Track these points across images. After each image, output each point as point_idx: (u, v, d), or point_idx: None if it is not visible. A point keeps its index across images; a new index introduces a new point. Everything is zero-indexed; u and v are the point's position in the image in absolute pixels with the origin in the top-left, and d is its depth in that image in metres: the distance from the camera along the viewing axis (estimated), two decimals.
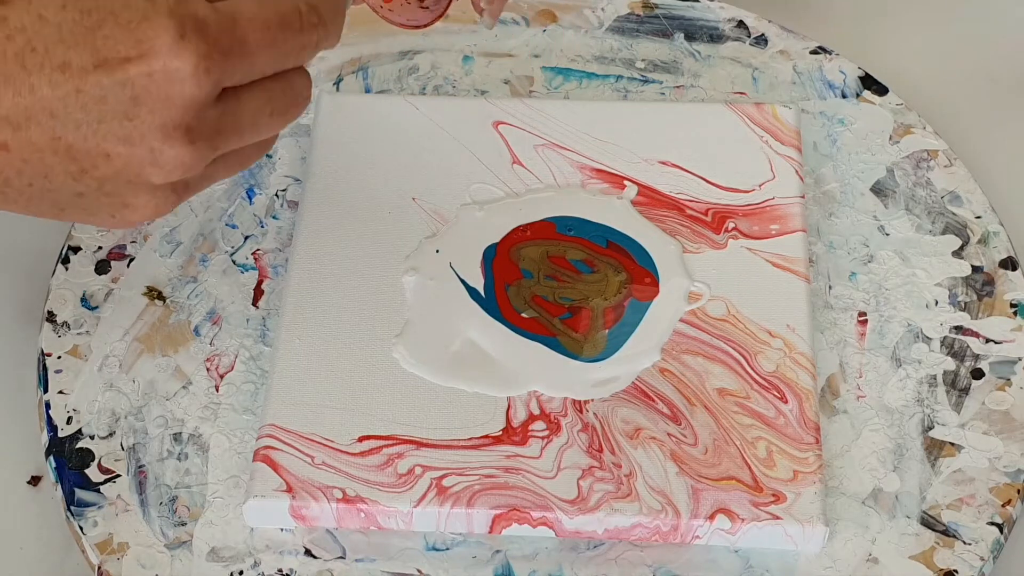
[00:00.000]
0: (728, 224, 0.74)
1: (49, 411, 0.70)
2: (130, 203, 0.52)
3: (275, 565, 0.66)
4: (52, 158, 0.50)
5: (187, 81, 0.49)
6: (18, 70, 0.48)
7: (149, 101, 0.49)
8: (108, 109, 0.49)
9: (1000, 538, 0.66)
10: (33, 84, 0.49)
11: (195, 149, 0.51)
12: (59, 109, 0.49)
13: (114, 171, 0.50)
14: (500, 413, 0.68)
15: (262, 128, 0.54)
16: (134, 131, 0.50)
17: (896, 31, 0.87)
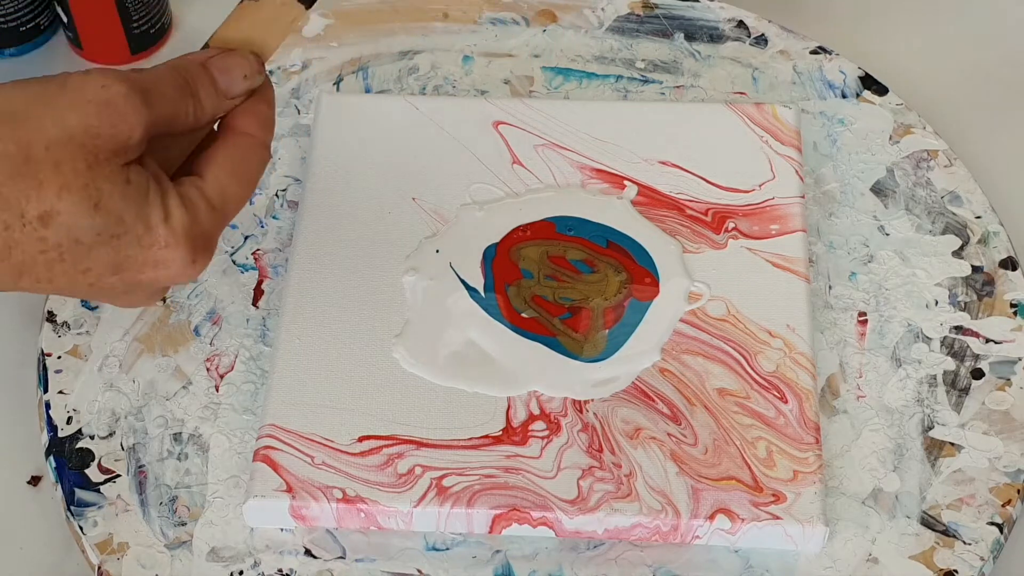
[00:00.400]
0: (728, 224, 0.74)
1: (49, 411, 0.70)
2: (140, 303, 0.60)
3: (275, 565, 0.66)
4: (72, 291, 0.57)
5: (182, 278, 0.58)
6: (43, 271, 0.55)
7: (141, 282, 0.57)
8: (104, 287, 0.57)
9: (1000, 538, 0.66)
10: (52, 277, 0.55)
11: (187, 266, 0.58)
12: (67, 288, 0.56)
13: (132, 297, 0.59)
14: (500, 413, 0.68)
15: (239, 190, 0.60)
16: (133, 299, 0.59)
17: (896, 31, 0.87)
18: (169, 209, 0.56)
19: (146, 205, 0.55)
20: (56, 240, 0.54)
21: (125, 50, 0.85)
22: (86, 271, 0.55)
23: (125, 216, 0.55)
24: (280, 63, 0.83)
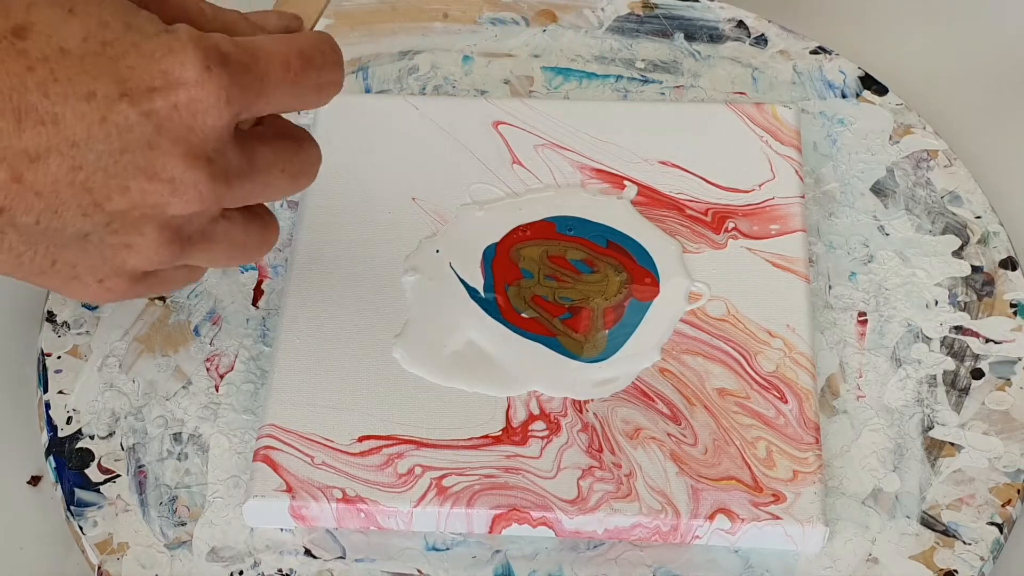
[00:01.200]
0: (728, 224, 0.74)
1: (49, 411, 0.70)
2: (133, 244, 0.50)
3: (275, 565, 0.66)
4: (67, 191, 0.48)
5: (210, 112, 0.49)
6: (41, 99, 0.48)
7: (172, 130, 0.49)
8: (132, 138, 0.49)
9: (1000, 538, 0.66)
10: (57, 114, 0.48)
11: (212, 181, 0.50)
12: (82, 138, 0.48)
13: (129, 204, 0.49)
14: (500, 413, 0.68)
15: (272, 184, 0.53)
16: (156, 161, 0.49)
17: (896, 31, 0.87)
18: (170, 26, 0.49)
19: (135, 14, 0.49)
20: (40, 52, 0.47)
21: None
22: (90, 94, 0.47)
23: (110, 20, 0.48)
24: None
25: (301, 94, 0.53)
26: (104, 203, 0.49)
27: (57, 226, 0.49)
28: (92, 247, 0.50)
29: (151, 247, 0.50)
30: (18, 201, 0.48)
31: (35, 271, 0.51)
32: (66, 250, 0.50)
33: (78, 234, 0.49)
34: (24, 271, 0.51)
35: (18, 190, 0.48)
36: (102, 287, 0.51)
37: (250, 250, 0.55)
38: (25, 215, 0.49)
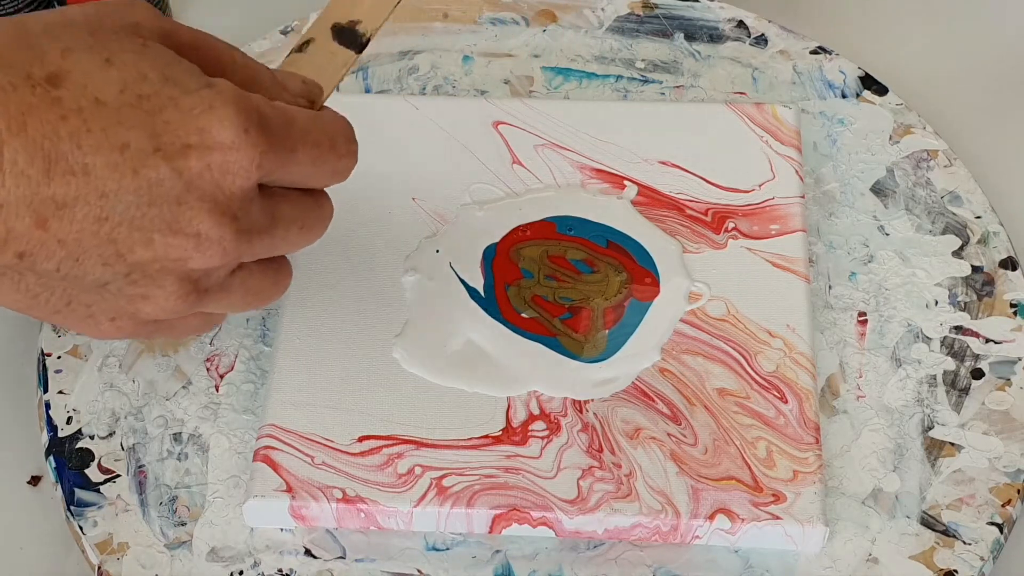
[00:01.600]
0: (728, 224, 0.74)
1: (49, 411, 0.70)
2: (151, 295, 0.50)
3: (275, 565, 0.66)
4: (91, 241, 0.48)
5: (240, 173, 0.49)
6: (73, 149, 0.47)
7: (202, 188, 0.49)
8: (161, 193, 0.48)
9: (1000, 538, 0.66)
10: (88, 164, 0.47)
11: (236, 238, 0.49)
12: (112, 190, 0.48)
13: (151, 257, 0.49)
14: (500, 413, 0.68)
15: (290, 238, 0.53)
16: (182, 216, 0.49)
17: (896, 31, 0.87)
18: (211, 80, 0.49)
19: (176, 66, 0.48)
20: (74, 102, 0.47)
21: None
22: (123, 147, 0.47)
23: (148, 72, 0.48)
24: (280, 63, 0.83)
25: (318, 173, 0.53)
26: (127, 254, 0.49)
27: (77, 274, 0.49)
28: (109, 294, 0.50)
29: (168, 299, 0.50)
30: (40, 248, 0.48)
31: (50, 311, 0.50)
32: (83, 294, 0.50)
33: (97, 282, 0.49)
34: (39, 310, 0.50)
35: (41, 237, 0.48)
36: (113, 325, 0.51)
37: (265, 295, 0.55)
38: (46, 262, 0.48)
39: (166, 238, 0.49)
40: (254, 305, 0.54)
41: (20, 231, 0.47)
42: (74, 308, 0.50)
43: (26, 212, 0.47)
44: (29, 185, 0.47)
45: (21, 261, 0.48)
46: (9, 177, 0.46)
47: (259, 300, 0.54)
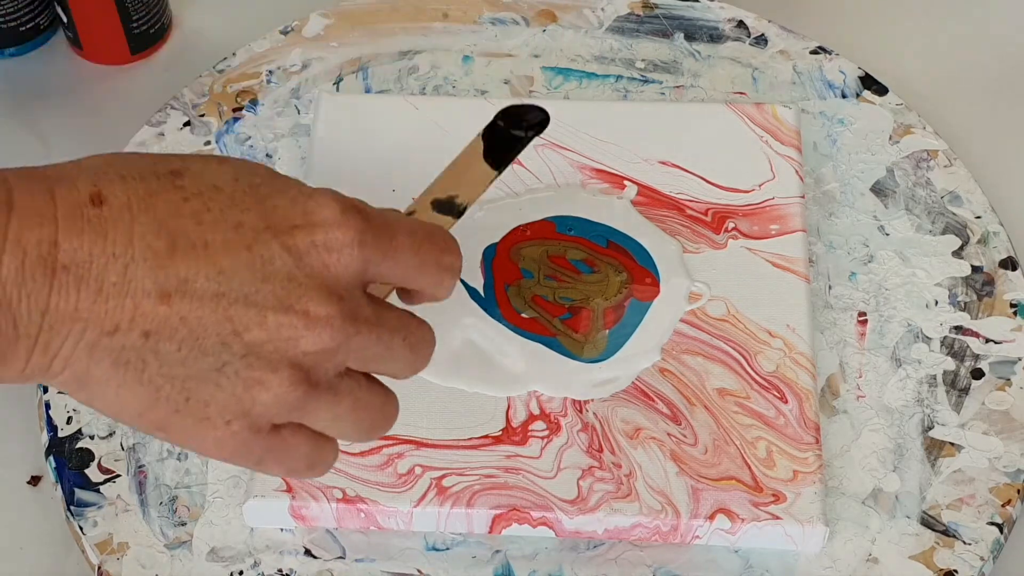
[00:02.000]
0: (728, 224, 0.74)
1: (49, 411, 0.70)
2: (265, 380, 0.51)
3: (275, 565, 0.66)
4: (210, 318, 0.50)
5: (344, 251, 0.52)
6: (194, 226, 0.50)
7: (310, 265, 0.51)
8: (273, 270, 0.51)
9: (1000, 538, 0.66)
10: (208, 240, 0.50)
11: (343, 318, 0.52)
12: (228, 266, 0.50)
13: (265, 337, 0.51)
14: (500, 413, 0.68)
15: (395, 349, 0.54)
16: (293, 293, 0.51)
17: (896, 31, 0.87)
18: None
19: (281, 176, 0.53)
20: (195, 188, 0.51)
21: (125, 50, 0.85)
22: (238, 225, 0.50)
23: (257, 170, 0.52)
24: (280, 63, 0.83)
25: (423, 266, 0.55)
26: (243, 332, 0.51)
27: (197, 354, 0.50)
28: (226, 381, 0.51)
29: (282, 384, 0.51)
30: (164, 326, 0.50)
31: (170, 408, 0.52)
32: (202, 385, 0.51)
33: (215, 365, 0.51)
34: (158, 409, 0.52)
35: (165, 314, 0.50)
36: (228, 430, 0.52)
37: (371, 416, 0.55)
38: (169, 341, 0.50)
39: (278, 316, 0.51)
40: (360, 427, 0.55)
41: (146, 308, 0.50)
42: (192, 406, 0.52)
43: (152, 287, 0.50)
44: (156, 259, 0.50)
45: (146, 341, 0.50)
46: (138, 251, 0.50)
47: (365, 419, 0.55)
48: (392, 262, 0.54)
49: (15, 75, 0.86)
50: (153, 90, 0.84)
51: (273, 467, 0.54)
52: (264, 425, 0.52)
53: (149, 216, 0.50)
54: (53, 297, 0.49)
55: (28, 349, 0.50)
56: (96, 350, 0.50)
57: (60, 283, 0.49)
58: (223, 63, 0.83)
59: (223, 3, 0.89)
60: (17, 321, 0.49)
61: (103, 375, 0.50)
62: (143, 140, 0.79)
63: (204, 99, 0.81)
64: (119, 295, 0.50)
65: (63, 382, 0.51)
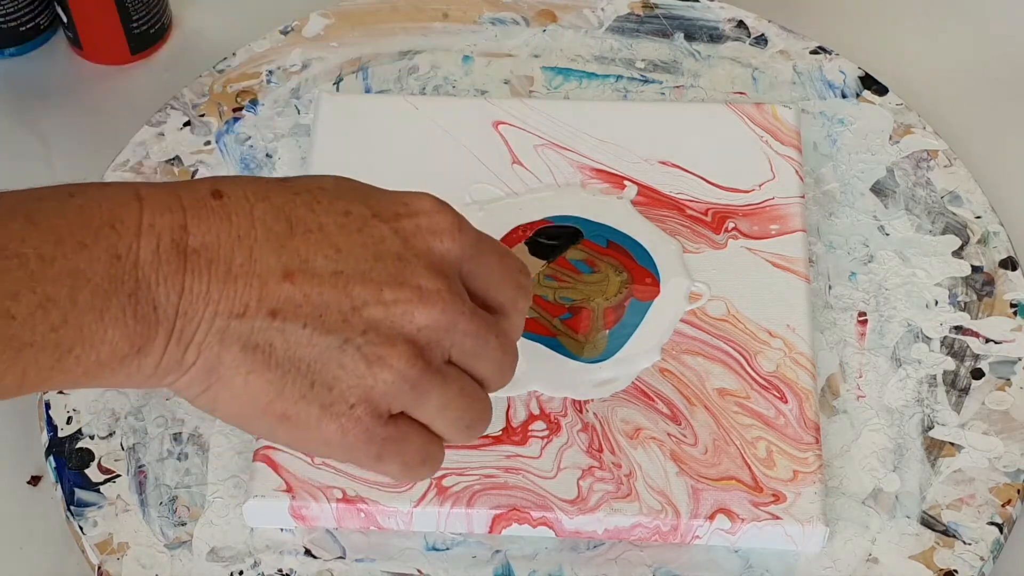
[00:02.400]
0: (728, 224, 0.74)
1: (49, 411, 0.70)
2: (385, 356, 0.53)
3: (275, 565, 0.66)
4: (330, 293, 0.53)
5: (446, 234, 0.55)
6: (307, 213, 0.54)
7: (417, 247, 0.55)
8: (384, 249, 0.54)
9: (1000, 538, 0.66)
10: (322, 223, 0.54)
11: (451, 293, 0.54)
12: (344, 244, 0.54)
13: (383, 313, 0.54)
14: (500, 413, 0.68)
15: (489, 347, 0.56)
16: (404, 270, 0.54)
17: (896, 31, 0.87)
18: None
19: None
20: (303, 187, 0.55)
21: (125, 50, 0.85)
22: (347, 212, 0.55)
23: (352, 179, 0.57)
24: (280, 63, 0.83)
25: (506, 277, 0.58)
26: (362, 308, 0.53)
27: (321, 332, 0.53)
28: (349, 360, 0.53)
29: (400, 359, 0.53)
30: (288, 304, 0.53)
31: (296, 394, 0.53)
32: (326, 367, 0.53)
33: (337, 343, 0.53)
34: (285, 397, 0.54)
35: (289, 292, 0.53)
36: (352, 416, 0.54)
37: (474, 407, 0.57)
38: (294, 320, 0.53)
39: (394, 290, 0.54)
40: (462, 420, 0.56)
41: (272, 287, 0.53)
42: (318, 392, 0.53)
43: (276, 266, 0.53)
44: (278, 240, 0.53)
45: (273, 321, 0.53)
46: (260, 233, 0.53)
47: (468, 412, 0.56)
48: (482, 262, 0.57)
49: (15, 75, 0.86)
50: (153, 90, 0.84)
51: (390, 460, 0.55)
52: (384, 411, 0.54)
53: (266, 204, 0.54)
54: (187, 279, 0.52)
55: (166, 336, 0.52)
56: (227, 336, 0.52)
57: (192, 266, 0.52)
58: (223, 63, 0.83)
59: (223, 3, 0.89)
60: (157, 305, 0.52)
61: (233, 361, 0.53)
62: (143, 140, 0.79)
63: (204, 99, 0.81)
64: (246, 275, 0.52)
65: (192, 377, 0.53)
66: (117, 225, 0.51)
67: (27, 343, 0.50)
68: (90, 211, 0.52)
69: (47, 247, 0.50)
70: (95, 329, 0.51)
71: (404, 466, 0.56)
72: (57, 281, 0.50)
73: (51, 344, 0.50)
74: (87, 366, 0.51)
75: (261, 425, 0.54)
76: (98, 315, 0.51)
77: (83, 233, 0.51)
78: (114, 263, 0.51)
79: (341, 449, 0.55)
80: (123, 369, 0.52)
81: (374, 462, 0.55)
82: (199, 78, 0.82)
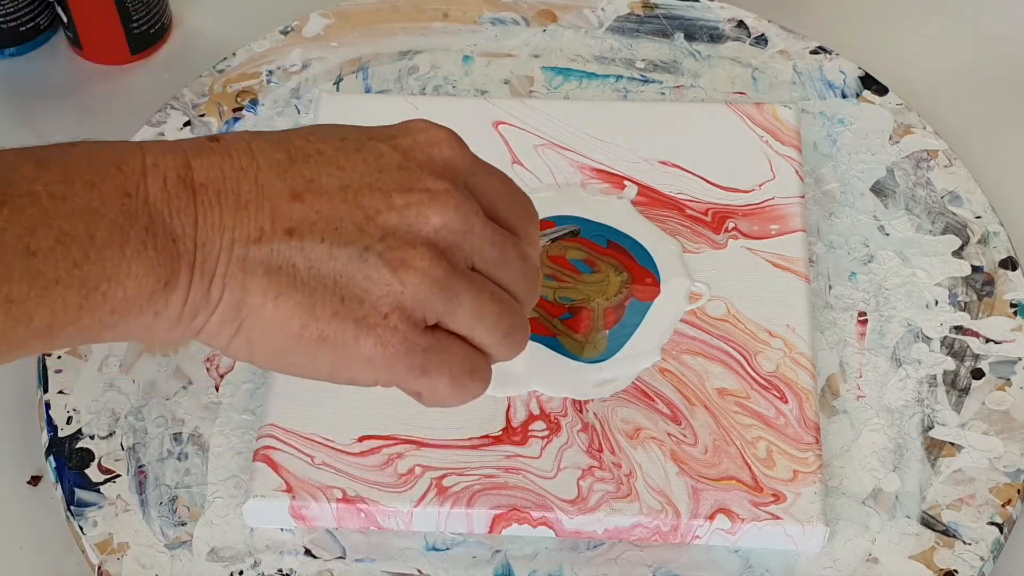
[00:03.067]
0: (728, 224, 0.74)
1: (49, 411, 0.70)
2: (408, 258, 0.54)
3: (275, 565, 0.66)
4: (341, 206, 0.54)
5: (444, 144, 0.57)
6: (304, 143, 0.55)
7: (417, 157, 0.56)
8: (385, 162, 0.56)
9: (1000, 538, 0.66)
10: (320, 149, 0.55)
11: (461, 194, 0.55)
12: (345, 163, 0.55)
13: (397, 219, 0.55)
14: (500, 413, 0.68)
15: (510, 259, 0.57)
16: (409, 177, 0.55)
17: (896, 31, 0.87)
18: None
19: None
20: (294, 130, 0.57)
21: (125, 50, 0.85)
22: (343, 138, 0.56)
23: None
24: (280, 63, 0.83)
25: (512, 192, 0.59)
26: (375, 216, 0.54)
27: (339, 244, 0.54)
28: (372, 270, 0.54)
29: (423, 259, 0.54)
30: (303, 221, 0.54)
31: (328, 312, 0.54)
32: (352, 281, 0.54)
33: (357, 253, 0.54)
34: (317, 317, 0.54)
35: (301, 210, 0.54)
36: (387, 326, 0.54)
37: (511, 311, 0.57)
38: (311, 236, 0.54)
39: (403, 195, 0.55)
40: (500, 326, 0.57)
41: (283, 208, 0.54)
42: (349, 306, 0.54)
43: (283, 189, 0.54)
44: (280, 167, 0.54)
45: (291, 239, 0.54)
46: (262, 163, 0.54)
47: (505, 317, 0.57)
48: (485, 179, 0.58)
49: (15, 75, 0.86)
50: (153, 90, 0.84)
51: (436, 372, 0.56)
52: (419, 319, 0.55)
53: (262, 141, 0.55)
54: (199, 211, 0.53)
55: (189, 269, 0.53)
56: (247, 263, 0.53)
57: (202, 198, 0.53)
58: (223, 63, 0.83)
59: (223, 3, 0.89)
60: (175, 238, 0.52)
61: (258, 287, 0.53)
62: (143, 140, 0.79)
63: (204, 99, 0.81)
64: (256, 201, 0.53)
65: (222, 317, 0.54)
66: (123, 167, 0.53)
67: (52, 280, 0.51)
68: (94, 156, 0.53)
69: (57, 186, 0.51)
70: (118, 263, 0.52)
71: (452, 379, 0.56)
72: (72, 217, 0.51)
73: (76, 281, 0.51)
74: (114, 303, 0.52)
75: (302, 356, 0.55)
76: (118, 249, 0.51)
77: (90, 173, 0.52)
78: (125, 200, 0.52)
79: (384, 366, 0.55)
80: (151, 307, 0.53)
81: (420, 376, 0.56)
82: (199, 78, 0.82)
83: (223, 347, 0.55)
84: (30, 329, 0.51)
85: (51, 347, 0.54)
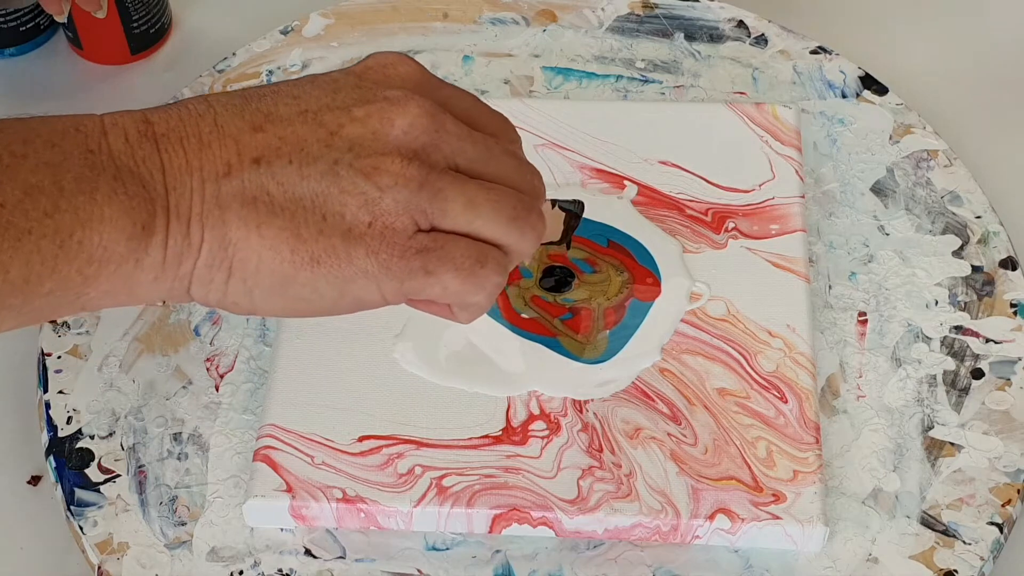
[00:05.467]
0: (728, 224, 0.74)
1: (49, 411, 0.70)
2: (380, 164, 0.54)
3: (275, 565, 0.66)
4: (303, 128, 0.54)
5: (400, 63, 0.57)
6: (258, 89, 0.56)
7: (372, 77, 0.57)
8: (340, 84, 0.56)
9: (1000, 538, 0.66)
10: (275, 88, 0.56)
11: (423, 98, 0.55)
12: (301, 92, 0.56)
13: (361, 129, 0.55)
14: (500, 413, 0.68)
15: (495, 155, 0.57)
16: (367, 93, 0.56)
17: (896, 31, 0.87)
18: None
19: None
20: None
21: (125, 50, 0.85)
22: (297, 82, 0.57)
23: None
24: (280, 63, 0.83)
25: (485, 108, 0.59)
26: (338, 130, 0.55)
27: (308, 162, 0.54)
28: (346, 181, 0.54)
29: (395, 162, 0.54)
30: (267, 149, 0.54)
31: (313, 230, 0.54)
32: (329, 197, 0.54)
33: (328, 167, 0.54)
34: (304, 238, 0.54)
35: (263, 139, 0.54)
36: (373, 233, 0.54)
37: (510, 194, 0.56)
38: (278, 160, 0.54)
39: (363, 107, 0.55)
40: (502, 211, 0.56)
41: (246, 140, 0.54)
42: (332, 221, 0.54)
43: (243, 124, 0.54)
44: (236, 107, 0.55)
45: (259, 167, 0.54)
46: (218, 107, 0.55)
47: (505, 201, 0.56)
48: (452, 91, 0.57)
49: (15, 75, 0.86)
50: (153, 90, 0.84)
51: (440, 270, 0.55)
52: (406, 223, 0.54)
53: (216, 94, 0.56)
54: (164, 156, 0.53)
55: (164, 213, 0.53)
56: (221, 198, 0.53)
57: (164, 146, 0.54)
58: (223, 63, 0.83)
59: (223, 3, 0.89)
60: (144, 184, 0.53)
61: (239, 220, 0.53)
62: None
63: None
64: (219, 138, 0.54)
65: (209, 260, 0.54)
66: (81, 128, 0.53)
67: (24, 230, 0.51)
68: (51, 122, 0.53)
69: (17, 146, 0.52)
70: (90, 210, 0.52)
71: (458, 272, 0.55)
72: (36, 171, 0.51)
73: (50, 230, 0.51)
74: (92, 250, 0.52)
75: (302, 286, 0.55)
76: (89, 196, 0.52)
77: (50, 135, 0.53)
78: (88, 155, 0.53)
79: (383, 275, 0.55)
80: (132, 254, 0.53)
81: (424, 278, 0.55)
82: (199, 78, 0.82)
83: (220, 298, 0.55)
84: (7, 282, 0.51)
85: (34, 306, 0.53)
